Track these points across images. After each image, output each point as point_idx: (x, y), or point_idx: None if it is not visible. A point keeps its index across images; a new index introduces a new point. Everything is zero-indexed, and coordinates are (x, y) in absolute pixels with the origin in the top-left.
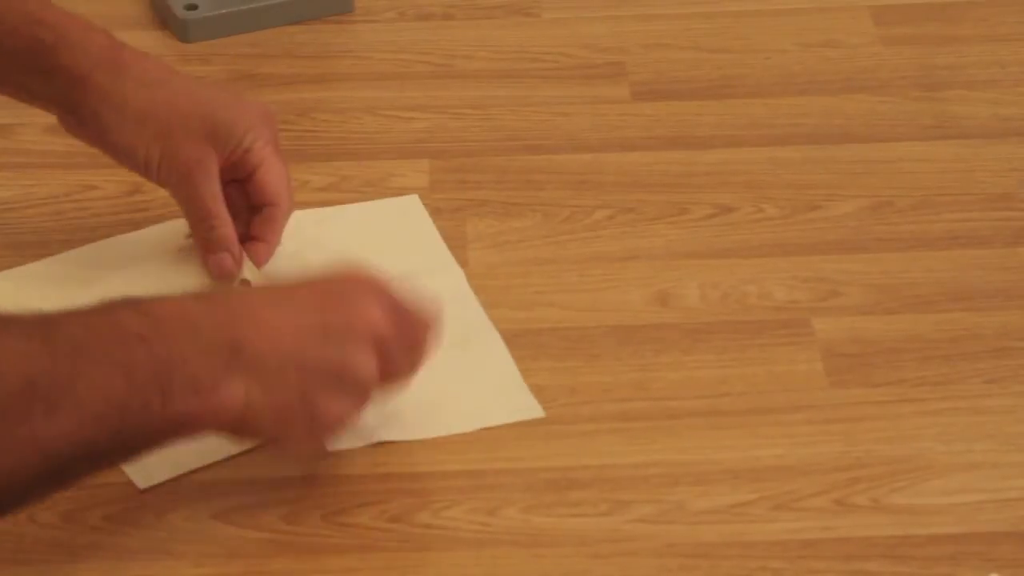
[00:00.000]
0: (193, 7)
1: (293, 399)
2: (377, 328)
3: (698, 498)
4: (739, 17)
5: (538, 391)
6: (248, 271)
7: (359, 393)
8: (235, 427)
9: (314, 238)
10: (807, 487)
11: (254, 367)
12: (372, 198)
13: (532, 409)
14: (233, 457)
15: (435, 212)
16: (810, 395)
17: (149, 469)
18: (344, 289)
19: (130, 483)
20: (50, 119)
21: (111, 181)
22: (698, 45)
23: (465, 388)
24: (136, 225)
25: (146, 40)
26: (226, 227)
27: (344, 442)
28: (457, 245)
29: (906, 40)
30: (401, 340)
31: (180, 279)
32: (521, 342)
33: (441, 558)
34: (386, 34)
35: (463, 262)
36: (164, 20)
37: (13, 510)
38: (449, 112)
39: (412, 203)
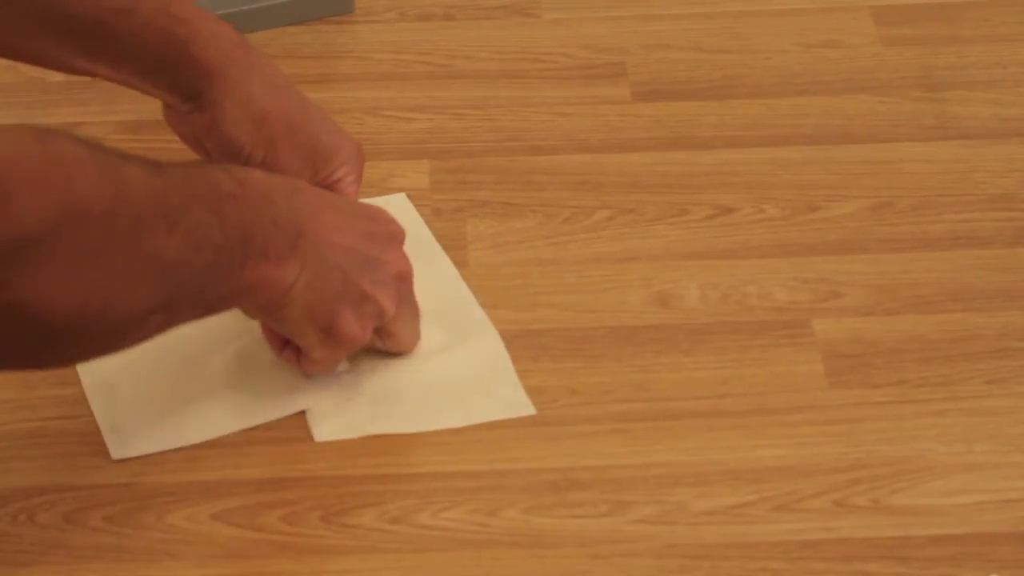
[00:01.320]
0: None
1: (326, 301)
2: (403, 271)
3: (698, 499)
4: (739, 17)
5: (538, 392)
6: None
7: (373, 321)
8: (273, 306)
9: None
10: (808, 488)
11: (308, 258)
12: (373, 198)
13: (523, 406)
14: (215, 439)
15: (435, 212)
16: (810, 396)
17: (126, 440)
18: (386, 230)
19: (130, 484)
20: (51, 120)
21: None
22: (698, 45)
23: (459, 384)
24: None
25: None
26: None
27: (335, 434)
28: (457, 246)
29: (907, 40)
30: (412, 297)
31: None
32: (521, 343)
33: (441, 559)
34: (387, 34)
35: (463, 263)
36: None
37: (125, 337)
38: (450, 112)
39: (400, 201)
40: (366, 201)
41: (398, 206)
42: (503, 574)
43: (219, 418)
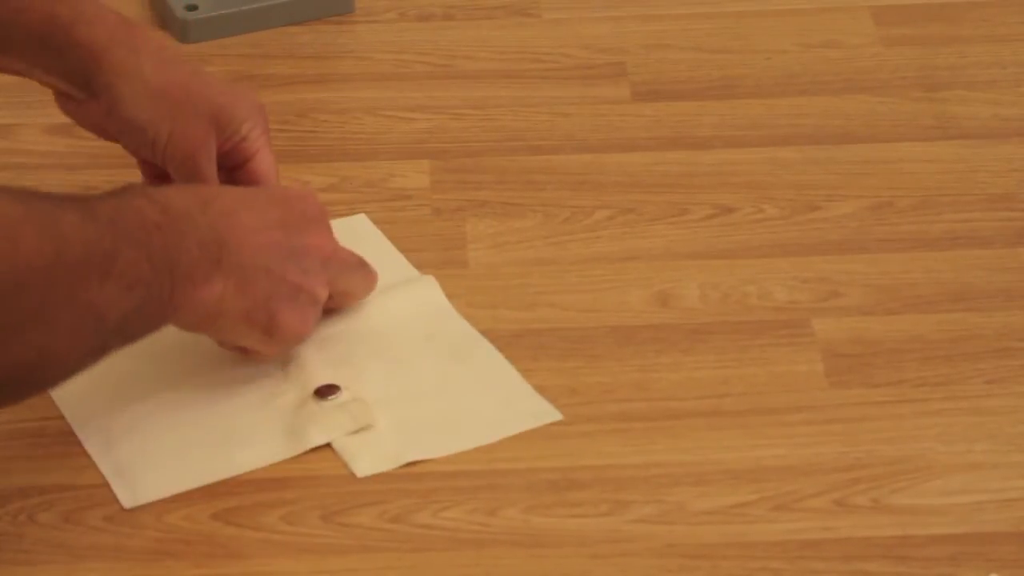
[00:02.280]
0: (193, 8)
1: (258, 304)
2: (327, 252)
3: (698, 498)
4: (740, 17)
5: (539, 392)
6: None
7: (311, 309)
8: (205, 322)
9: None
10: (807, 487)
11: (232, 269)
12: (373, 199)
13: (549, 413)
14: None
15: (435, 212)
16: (810, 395)
17: (135, 488)
18: (302, 214)
19: None
20: (51, 120)
21: (111, 182)
22: (699, 45)
23: (476, 402)
24: None
25: None
26: None
27: (375, 467)
28: (457, 246)
29: (906, 40)
30: (345, 263)
31: None
32: (521, 343)
33: (441, 559)
34: (387, 34)
35: (463, 262)
36: (164, 20)
37: (63, 378)
38: (449, 112)
39: (361, 222)
40: (288, 198)
41: (359, 228)
42: (503, 574)
43: (229, 458)
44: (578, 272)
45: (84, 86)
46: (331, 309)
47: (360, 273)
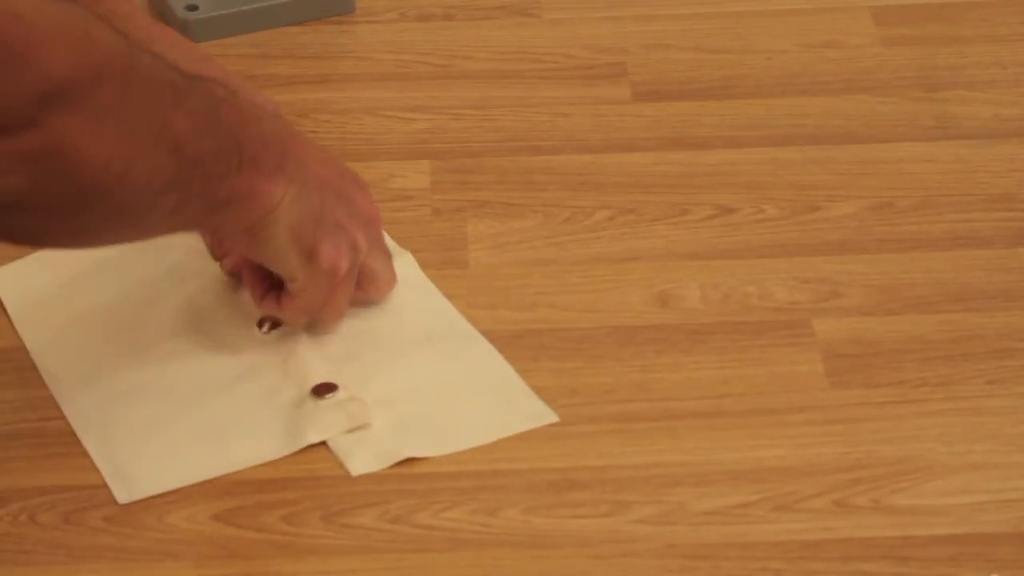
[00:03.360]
0: (194, 7)
1: (308, 223)
2: (372, 214)
3: (699, 499)
4: (740, 17)
5: (539, 392)
6: None
7: (349, 253)
8: (260, 224)
9: None
10: (808, 488)
11: (294, 176)
12: (373, 199)
13: (545, 415)
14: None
15: (435, 212)
16: (811, 396)
17: (131, 484)
18: (356, 177)
19: None
20: None
21: None
22: (699, 45)
23: (474, 403)
24: None
25: None
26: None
27: (369, 466)
28: (458, 246)
29: (906, 40)
30: (382, 242)
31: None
32: (522, 343)
33: (442, 559)
34: (387, 35)
35: (464, 263)
36: (164, 20)
37: (142, 216)
38: (450, 113)
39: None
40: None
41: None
42: (503, 574)
43: (225, 456)
44: (578, 272)
45: None
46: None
47: (390, 262)
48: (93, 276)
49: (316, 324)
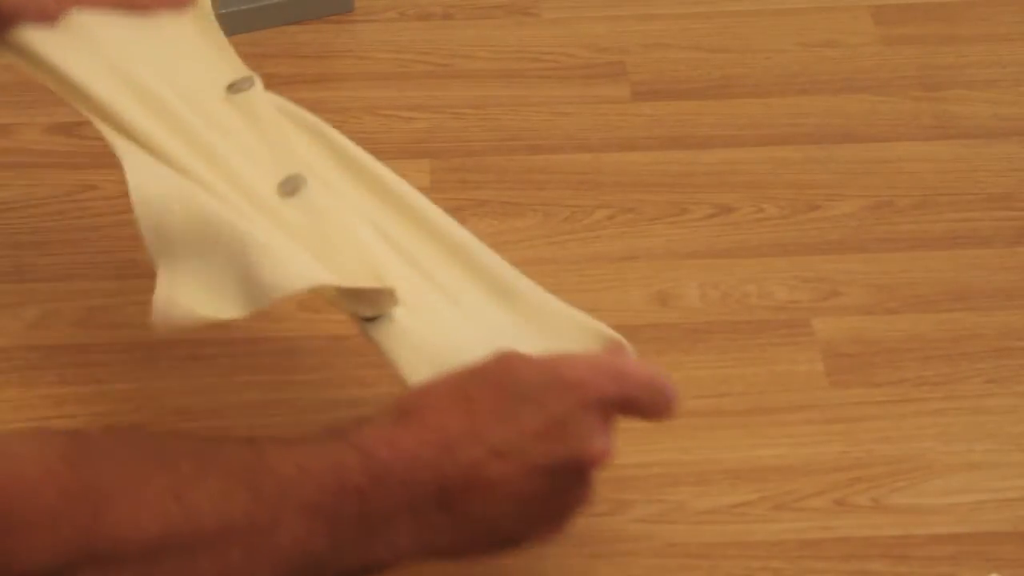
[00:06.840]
0: None
1: (483, 542)
2: (603, 460)
3: (699, 498)
4: (739, 17)
5: None
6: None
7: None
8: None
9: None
10: (807, 487)
11: (454, 521)
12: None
13: (610, 334)
14: None
15: None
16: (810, 395)
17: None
18: (563, 412)
19: None
20: (51, 119)
21: (111, 181)
22: (698, 45)
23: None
24: (136, 225)
25: None
26: None
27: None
28: None
29: (906, 40)
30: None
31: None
32: None
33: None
34: (386, 34)
35: None
36: None
37: None
38: (449, 112)
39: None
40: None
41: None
42: (504, 574)
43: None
44: (578, 272)
45: None
46: None
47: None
48: None
49: None
